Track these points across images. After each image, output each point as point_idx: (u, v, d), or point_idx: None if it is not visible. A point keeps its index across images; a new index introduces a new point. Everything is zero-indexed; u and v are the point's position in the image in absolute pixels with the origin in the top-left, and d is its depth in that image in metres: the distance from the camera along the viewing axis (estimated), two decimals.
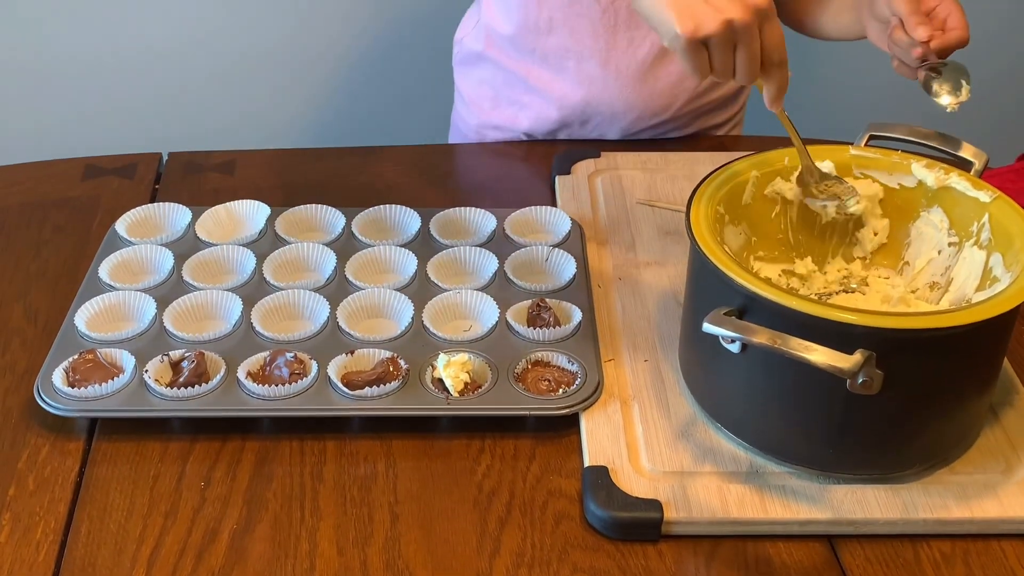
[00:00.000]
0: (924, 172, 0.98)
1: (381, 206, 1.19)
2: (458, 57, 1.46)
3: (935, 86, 1.04)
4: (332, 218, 1.18)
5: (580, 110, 1.37)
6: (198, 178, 1.30)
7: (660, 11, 0.88)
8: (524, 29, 1.34)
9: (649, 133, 1.40)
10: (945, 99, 1.03)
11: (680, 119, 1.40)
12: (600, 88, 1.35)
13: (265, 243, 1.14)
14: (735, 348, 0.85)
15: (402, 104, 2.07)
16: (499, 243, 1.15)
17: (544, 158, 1.35)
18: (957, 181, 0.96)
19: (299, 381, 0.95)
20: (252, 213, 1.19)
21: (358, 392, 0.94)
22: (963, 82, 1.03)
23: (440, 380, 0.97)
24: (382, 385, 0.94)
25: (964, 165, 0.98)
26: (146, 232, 1.16)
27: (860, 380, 0.80)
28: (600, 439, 0.92)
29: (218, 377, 0.96)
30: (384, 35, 2.01)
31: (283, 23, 1.97)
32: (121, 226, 1.16)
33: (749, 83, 0.92)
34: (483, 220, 1.18)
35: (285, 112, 2.08)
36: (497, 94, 1.42)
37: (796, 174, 1.00)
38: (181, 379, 0.96)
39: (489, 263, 1.11)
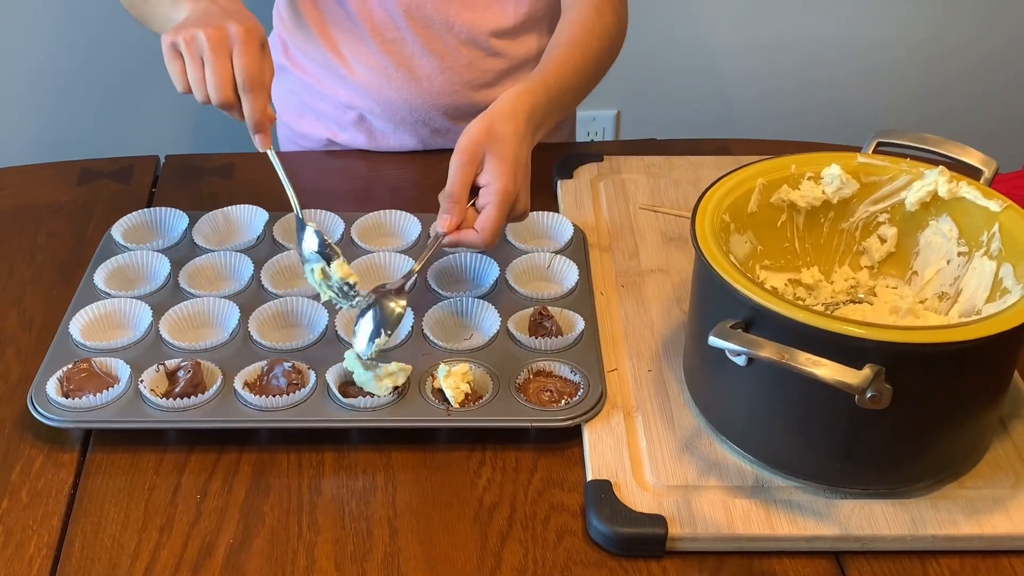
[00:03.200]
0: (934, 181, 0.96)
1: (381, 211, 1.17)
2: None
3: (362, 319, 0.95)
4: (331, 223, 1.16)
5: (370, 108, 1.35)
6: (196, 182, 1.29)
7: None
8: (301, 39, 1.35)
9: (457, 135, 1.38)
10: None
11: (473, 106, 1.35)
12: (383, 81, 1.33)
13: (263, 249, 1.13)
14: (741, 361, 0.83)
15: None
16: (500, 249, 1.13)
17: (546, 162, 1.33)
18: (967, 190, 0.95)
19: (297, 391, 0.94)
20: (250, 218, 1.17)
21: (354, 401, 0.93)
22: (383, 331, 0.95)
23: (440, 390, 0.95)
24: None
25: (973, 173, 0.97)
26: (142, 237, 1.15)
27: (869, 395, 0.78)
28: (603, 452, 0.91)
29: (214, 387, 0.94)
30: None
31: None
32: (117, 231, 1.14)
33: (221, 101, 0.97)
34: None
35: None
36: (301, 102, 1.41)
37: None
38: (177, 389, 0.95)
39: (490, 270, 1.09)
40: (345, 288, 0.98)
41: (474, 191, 1.01)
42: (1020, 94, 2.34)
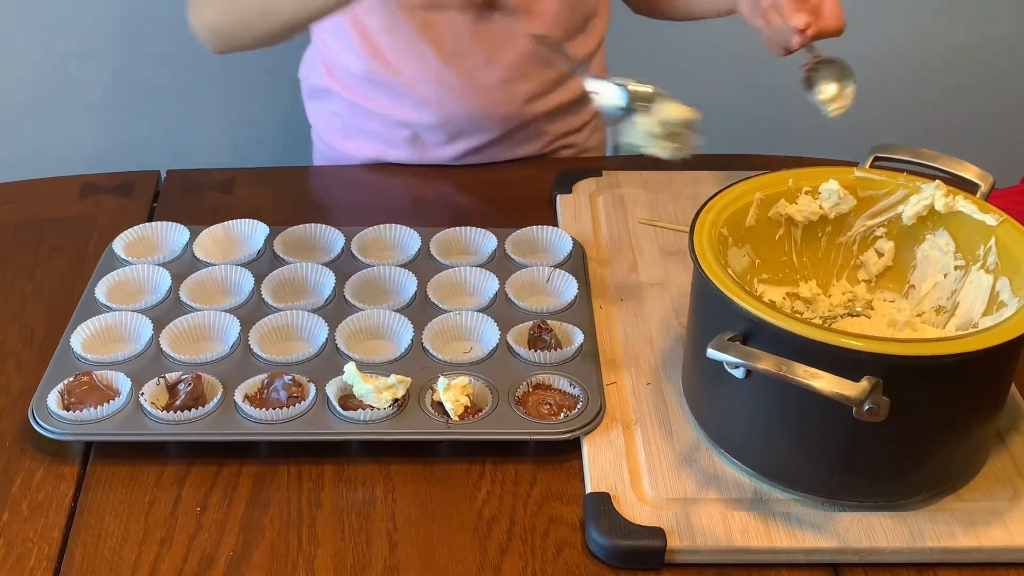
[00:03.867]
0: (931, 195, 0.97)
1: (381, 225, 1.18)
2: (306, 92, 1.46)
3: (817, 87, 0.99)
4: (331, 237, 1.17)
5: (425, 129, 1.36)
6: (196, 196, 1.29)
7: None
8: (349, 56, 1.34)
9: (505, 144, 1.39)
10: (827, 105, 0.98)
11: (529, 126, 1.39)
12: (439, 104, 1.33)
13: (264, 263, 1.13)
14: (739, 373, 0.84)
15: None
16: (500, 263, 1.14)
17: (545, 177, 1.34)
18: (964, 204, 0.95)
19: (297, 404, 0.94)
20: (251, 232, 1.18)
21: (354, 414, 0.93)
22: (848, 82, 0.98)
23: (440, 403, 0.95)
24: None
25: (970, 187, 0.98)
26: (143, 251, 1.15)
27: (867, 407, 0.79)
28: (602, 464, 0.91)
29: (215, 400, 0.94)
30: None
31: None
32: (118, 245, 1.15)
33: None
34: (484, 240, 1.17)
35: (287, 130, 2.07)
36: (346, 124, 1.41)
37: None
38: (177, 402, 0.95)
39: (490, 283, 1.10)
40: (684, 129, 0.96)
41: None
42: (1016, 109, 2.35)
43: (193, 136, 2.07)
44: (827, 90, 0.96)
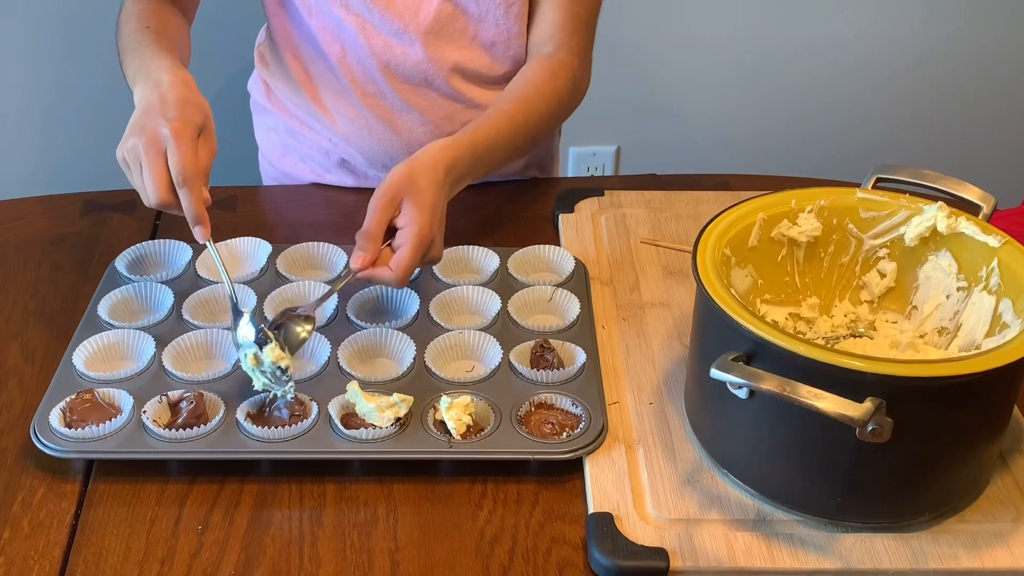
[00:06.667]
0: (933, 216, 0.97)
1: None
2: (252, 106, 1.47)
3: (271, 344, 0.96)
4: (334, 256, 1.17)
5: (352, 155, 1.36)
6: None
7: None
8: (284, 85, 1.36)
9: None
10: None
11: None
12: (358, 140, 1.34)
13: (266, 281, 1.14)
14: (743, 394, 0.84)
15: None
16: (502, 282, 1.14)
17: (547, 196, 1.34)
18: (966, 225, 0.95)
19: (299, 423, 0.94)
20: (253, 250, 1.18)
21: (356, 433, 0.93)
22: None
23: (442, 422, 0.95)
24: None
25: (972, 208, 0.98)
26: (146, 269, 1.15)
27: (870, 428, 0.79)
28: (604, 485, 0.91)
29: (217, 418, 0.94)
30: None
31: None
32: (121, 263, 1.15)
33: (157, 202, 1.00)
34: (486, 259, 1.17)
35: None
36: (284, 143, 1.42)
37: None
38: (179, 420, 0.95)
39: (492, 303, 1.10)
40: (278, 373, 0.96)
41: (391, 233, 1.04)
42: (1019, 130, 2.35)
43: None
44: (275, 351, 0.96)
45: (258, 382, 0.97)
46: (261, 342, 0.97)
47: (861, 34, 2.21)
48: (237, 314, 1.00)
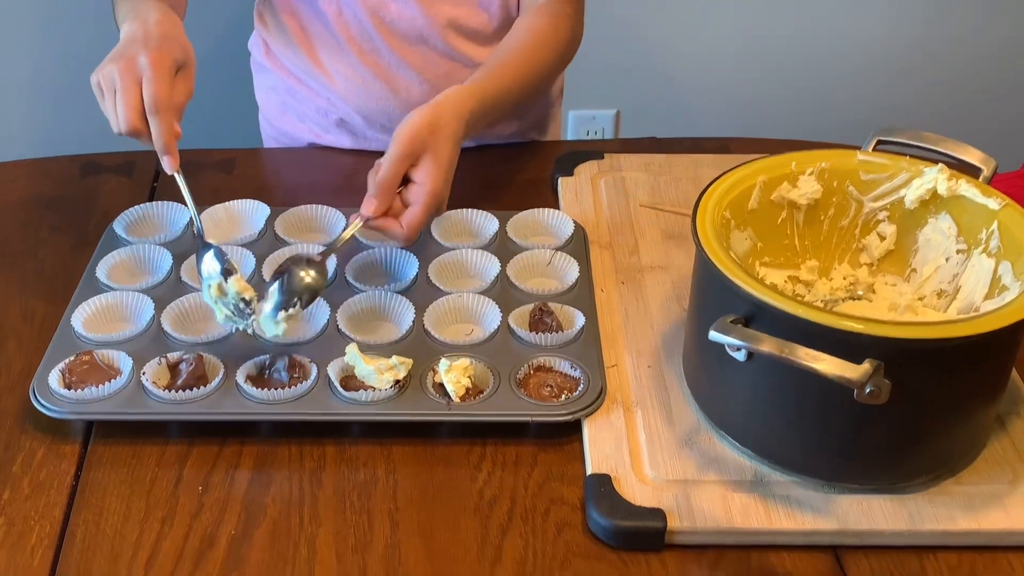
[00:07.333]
0: (933, 179, 0.97)
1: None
2: (252, 65, 1.46)
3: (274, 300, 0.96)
4: (332, 218, 1.17)
5: (350, 115, 1.35)
6: (197, 176, 1.29)
7: None
8: (282, 44, 1.35)
9: None
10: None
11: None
12: (356, 99, 1.33)
13: (264, 244, 1.13)
14: (741, 356, 0.84)
15: None
16: (501, 245, 1.14)
17: (546, 159, 1.34)
18: (966, 188, 0.95)
19: (298, 385, 0.94)
20: (251, 213, 1.17)
21: (355, 395, 0.93)
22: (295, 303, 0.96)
23: (441, 385, 0.95)
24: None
25: (972, 171, 0.97)
26: (144, 231, 1.15)
27: (868, 390, 0.79)
28: (603, 446, 0.91)
29: (216, 380, 0.95)
30: None
31: None
32: (119, 225, 1.15)
33: (127, 129, 1.00)
34: (485, 222, 1.17)
35: None
36: (282, 101, 1.41)
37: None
38: (179, 382, 0.95)
39: (491, 266, 1.09)
40: (241, 305, 0.96)
41: (403, 179, 1.04)
42: (1019, 92, 2.34)
43: (192, 114, 2.07)
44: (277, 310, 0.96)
45: (220, 314, 0.97)
46: (226, 273, 0.97)
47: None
48: (204, 247, 1.00)
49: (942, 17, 2.23)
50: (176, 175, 1.03)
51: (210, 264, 0.98)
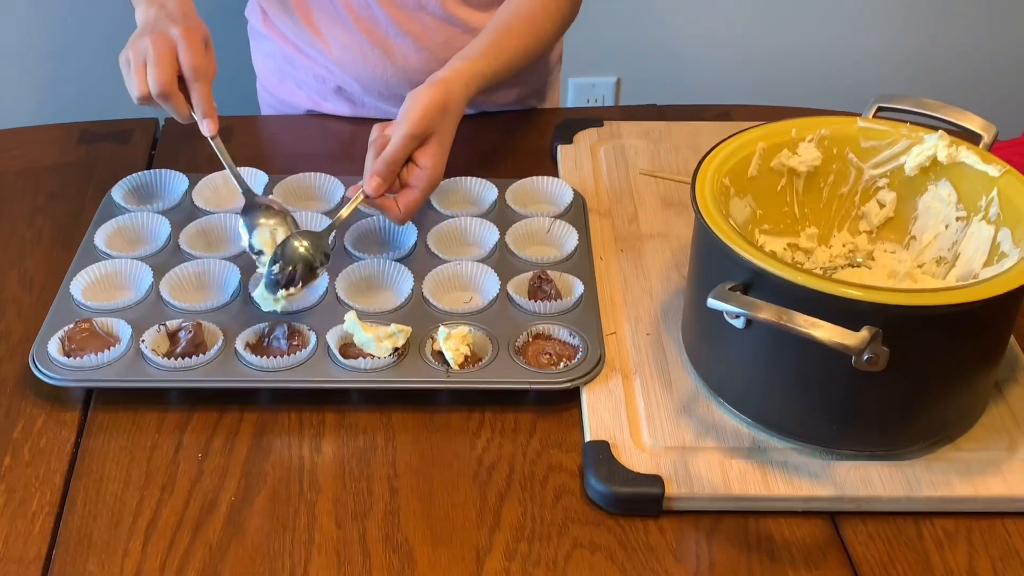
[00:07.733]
0: (933, 145, 0.96)
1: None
2: (249, 32, 1.46)
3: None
4: (331, 186, 1.17)
5: (347, 82, 1.35)
6: (195, 144, 1.28)
7: None
8: (280, 10, 1.34)
9: None
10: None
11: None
12: (353, 66, 1.33)
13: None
14: (739, 323, 0.84)
15: None
16: (500, 213, 1.13)
17: (545, 127, 1.33)
18: (966, 155, 0.95)
19: (298, 352, 0.94)
20: (250, 180, 1.16)
21: (355, 363, 0.94)
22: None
23: (440, 353, 0.96)
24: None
25: (973, 138, 0.97)
26: (142, 199, 1.15)
27: (866, 357, 0.79)
28: (601, 413, 0.91)
29: (216, 348, 0.95)
30: None
31: None
32: (117, 193, 1.14)
33: (160, 91, 1.01)
34: (484, 190, 1.16)
35: None
36: (280, 68, 1.40)
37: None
38: (178, 349, 0.95)
39: (490, 234, 1.09)
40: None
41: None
42: (1018, 62, 2.33)
43: None
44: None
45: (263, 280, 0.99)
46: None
47: None
48: (254, 208, 1.03)
49: None
50: (213, 140, 1.05)
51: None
